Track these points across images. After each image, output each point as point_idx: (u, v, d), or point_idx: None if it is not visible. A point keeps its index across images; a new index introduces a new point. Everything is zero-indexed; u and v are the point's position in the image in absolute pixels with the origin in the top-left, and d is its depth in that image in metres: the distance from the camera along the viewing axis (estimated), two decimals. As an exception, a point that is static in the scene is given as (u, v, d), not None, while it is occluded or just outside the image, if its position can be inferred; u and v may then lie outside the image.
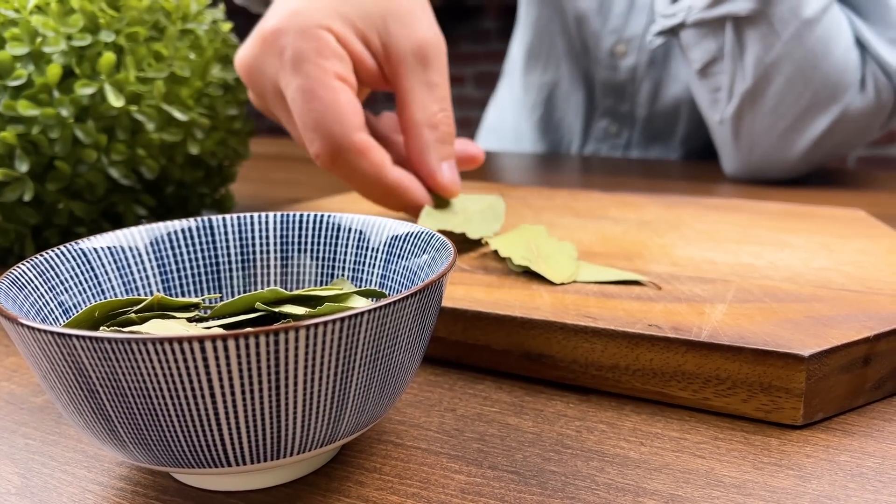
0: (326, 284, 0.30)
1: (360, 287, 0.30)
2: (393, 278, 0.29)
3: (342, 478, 0.24)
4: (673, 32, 0.68)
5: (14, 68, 0.41)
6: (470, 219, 0.41)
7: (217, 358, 0.18)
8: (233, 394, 0.19)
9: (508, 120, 1.01)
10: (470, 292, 0.33)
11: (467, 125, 2.90)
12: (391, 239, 0.29)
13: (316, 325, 0.19)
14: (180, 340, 0.18)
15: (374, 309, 0.20)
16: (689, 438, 0.26)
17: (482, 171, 0.81)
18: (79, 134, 0.42)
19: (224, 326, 0.25)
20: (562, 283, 0.34)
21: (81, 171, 0.43)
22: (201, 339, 0.18)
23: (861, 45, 0.64)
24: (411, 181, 0.39)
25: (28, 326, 0.19)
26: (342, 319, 0.19)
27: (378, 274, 0.29)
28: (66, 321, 0.25)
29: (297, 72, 0.37)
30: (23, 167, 0.41)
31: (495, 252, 0.39)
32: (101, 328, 0.24)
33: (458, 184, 0.40)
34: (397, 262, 0.28)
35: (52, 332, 0.18)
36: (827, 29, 0.62)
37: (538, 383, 0.30)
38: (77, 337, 0.18)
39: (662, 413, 0.28)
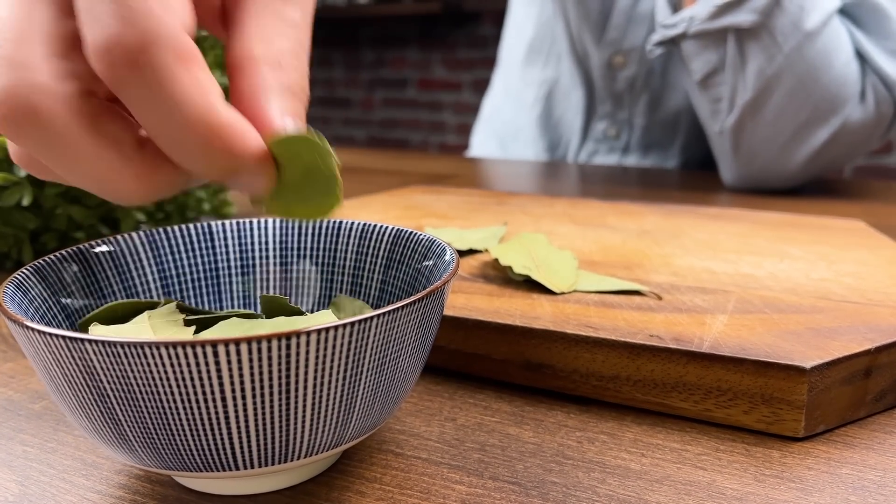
0: (327, 290, 0.30)
1: (359, 294, 0.30)
2: (394, 283, 0.28)
3: (342, 487, 0.24)
4: (674, 43, 0.68)
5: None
6: (468, 243, 0.41)
7: (230, 362, 0.18)
8: (244, 397, 0.19)
9: (506, 114, 1.00)
10: (470, 301, 0.33)
11: (465, 132, 2.91)
12: (392, 244, 0.29)
13: (327, 329, 0.19)
14: (193, 344, 0.18)
15: (384, 314, 0.20)
16: (691, 450, 0.26)
17: (481, 180, 0.81)
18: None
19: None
20: (562, 293, 0.34)
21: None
22: (214, 343, 0.18)
23: (861, 56, 0.64)
24: (248, 127, 0.22)
25: (39, 331, 0.19)
26: (352, 324, 0.19)
27: (378, 279, 0.29)
28: (70, 325, 0.25)
29: None
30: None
31: (495, 260, 0.39)
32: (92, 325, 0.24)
33: None
34: (398, 268, 0.28)
35: (64, 337, 0.18)
36: (828, 41, 0.62)
37: (538, 393, 0.30)
38: (90, 341, 0.18)
39: (663, 424, 0.28)
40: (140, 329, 0.24)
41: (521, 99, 0.96)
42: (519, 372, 0.30)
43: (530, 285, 0.35)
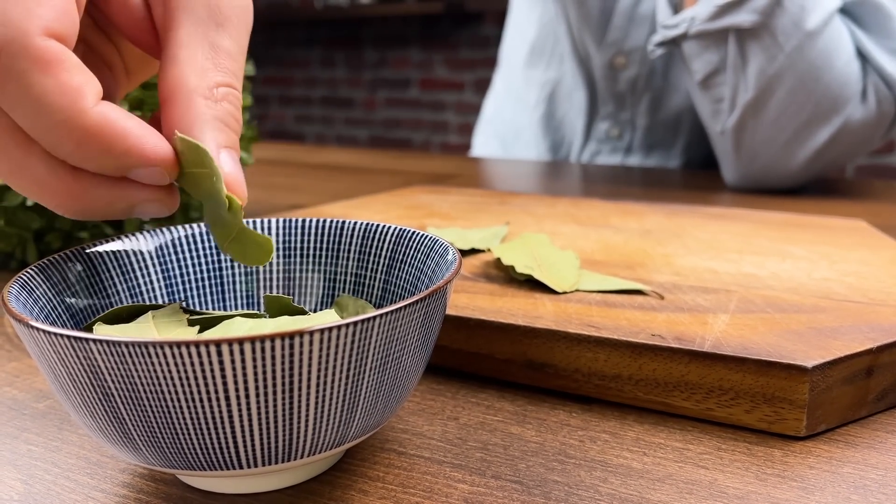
0: (330, 289, 0.30)
1: (362, 294, 0.30)
2: (397, 283, 0.29)
3: (345, 486, 0.24)
4: (675, 43, 0.68)
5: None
6: (470, 243, 0.41)
7: (233, 361, 0.18)
8: (247, 396, 0.19)
9: (507, 115, 1.01)
10: (473, 300, 0.33)
11: (467, 131, 2.91)
12: (395, 245, 0.29)
13: (330, 328, 0.19)
14: (197, 344, 0.18)
15: (386, 313, 0.20)
16: (693, 449, 0.26)
17: (483, 180, 0.81)
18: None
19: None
20: (564, 292, 0.34)
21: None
22: (218, 343, 0.18)
23: (862, 56, 0.64)
24: (141, 128, 0.23)
25: (43, 330, 0.19)
26: (355, 323, 0.19)
27: (381, 279, 0.29)
28: (74, 324, 0.25)
29: None
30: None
31: (498, 260, 0.39)
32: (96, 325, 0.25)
33: (243, 183, 0.25)
34: (401, 268, 0.29)
35: (68, 336, 0.19)
36: (829, 41, 0.62)
37: (541, 392, 0.30)
38: (94, 340, 0.18)
39: (665, 423, 0.28)
40: (144, 329, 0.24)
41: (523, 100, 0.96)
42: (521, 371, 0.30)
43: (532, 285, 0.35)
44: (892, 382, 0.28)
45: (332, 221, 0.30)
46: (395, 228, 0.29)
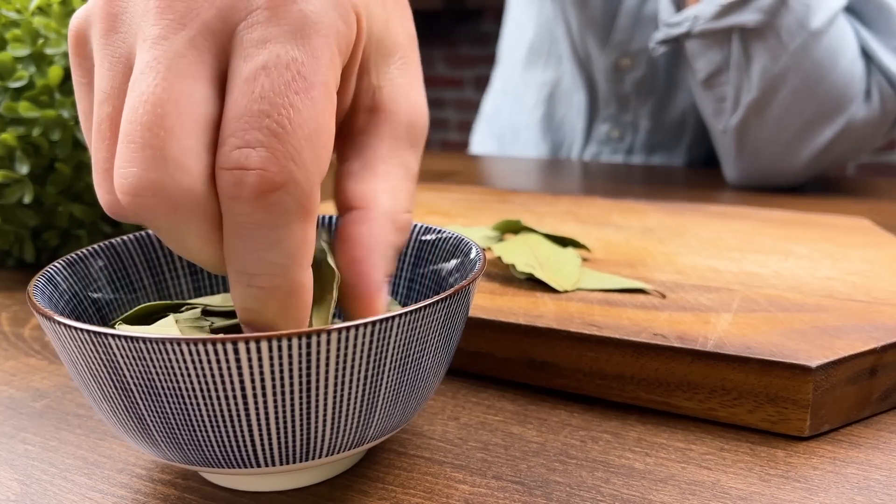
0: None
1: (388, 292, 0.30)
2: (421, 282, 0.28)
3: (345, 487, 0.24)
4: (677, 42, 0.67)
5: (15, 69, 0.41)
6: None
7: (250, 360, 0.18)
8: (264, 395, 0.19)
9: (505, 114, 1.00)
10: (473, 299, 0.33)
11: (467, 129, 2.90)
12: (420, 243, 0.29)
13: (348, 328, 0.19)
14: (214, 342, 0.18)
15: (405, 314, 0.20)
16: (695, 449, 0.26)
17: (483, 177, 0.81)
18: (80, 136, 0.41)
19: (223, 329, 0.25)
20: (566, 291, 0.34)
21: (82, 174, 0.43)
22: (235, 341, 0.18)
23: (866, 54, 0.64)
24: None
25: (64, 324, 0.19)
26: (373, 323, 0.19)
27: (406, 278, 0.29)
28: (100, 318, 0.26)
29: (301, 39, 0.20)
30: (23, 169, 0.41)
31: (498, 259, 0.39)
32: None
33: (382, 310, 0.24)
34: (425, 267, 0.28)
35: (88, 331, 0.19)
36: (833, 40, 0.62)
37: (542, 392, 0.30)
38: (113, 336, 0.18)
39: (667, 423, 0.27)
40: (165, 330, 0.24)
41: (521, 100, 0.96)
42: (522, 370, 0.30)
43: (533, 284, 0.35)
44: (895, 382, 0.28)
45: None
46: (421, 226, 0.29)
